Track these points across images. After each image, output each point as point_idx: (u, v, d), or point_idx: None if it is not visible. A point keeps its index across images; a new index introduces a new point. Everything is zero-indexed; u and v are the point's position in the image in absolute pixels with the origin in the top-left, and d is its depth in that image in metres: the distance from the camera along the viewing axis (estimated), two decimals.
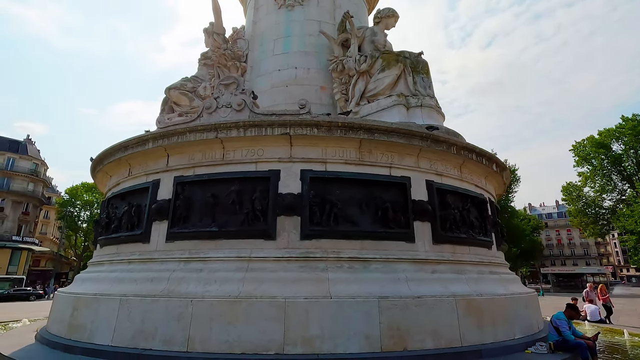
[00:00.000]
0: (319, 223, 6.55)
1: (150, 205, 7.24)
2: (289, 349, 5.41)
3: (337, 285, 6.02)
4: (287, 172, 6.87)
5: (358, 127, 6.97)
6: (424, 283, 6.45)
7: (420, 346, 5.74)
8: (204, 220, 6.79)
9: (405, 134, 7.27)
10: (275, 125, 6.86)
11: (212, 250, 6.57)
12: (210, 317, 5.63)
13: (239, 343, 5.45)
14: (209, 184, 7.02)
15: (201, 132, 7.06)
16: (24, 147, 48.35)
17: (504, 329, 6.68)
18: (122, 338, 5.93)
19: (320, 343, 5.46)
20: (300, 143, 7.00)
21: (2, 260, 42.32)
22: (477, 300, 6.52)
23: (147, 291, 6.20)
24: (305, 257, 6.35)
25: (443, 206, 7.51)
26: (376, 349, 5.55)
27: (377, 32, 12.15)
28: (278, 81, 11.80)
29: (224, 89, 7.51)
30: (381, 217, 6.83)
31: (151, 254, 6.98)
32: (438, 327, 5.96)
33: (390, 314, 5.77)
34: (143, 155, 7.78)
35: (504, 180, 10.00)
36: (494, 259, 8.38)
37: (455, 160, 8.09)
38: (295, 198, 6.65)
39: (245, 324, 5.54)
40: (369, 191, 6.99)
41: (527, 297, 7.77)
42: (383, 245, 6.74)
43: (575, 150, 45.34)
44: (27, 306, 23.60)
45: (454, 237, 7.44)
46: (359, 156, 7.16)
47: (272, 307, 5.62)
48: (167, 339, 5.65)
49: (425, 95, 10.31)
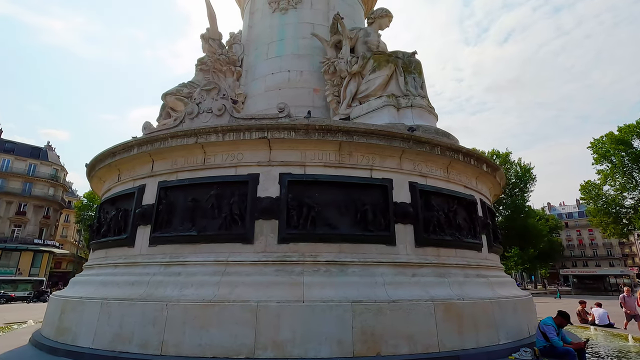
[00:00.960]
0: (296, 226, 6.54)
1: (135, 210, 7.38)
2: (259, 352, 5.42)
3: (312, 289, 5.99)
4: (266, 175, 6.89)
5: (336, 129, 6.93)
6: (403, 287, 6.34)
7: (394, 351, 5.65)
8: (184, 225, 6.88)
9: (386, 135, 7.19)
10: (253, 129, 6.89)
11: (192, 254, 6.65)
12: (183, 321, 5.69)
13: (211, 347, 5.49)
14: (190, 189, 7.11)
15: (182, 138, 7.17)
16: (45, 154, 50.12)
17: (487, 334, 6.51)
18: (102, 341, 6.06)
19: (291, 347, 5.45)
20: (279, 147, 7.02)
21: (25, 262, 43.96)
22: (458, 305, 6.38)
23: (126, 295, 6.32)
24: (282, 261, 6.34)
25: (427, 208, 7.39)
26: (348, 354, 5.49)
27: (370, 32, 12.07)
28: (272, 84, 11.87)
29: (206, 95, 7.60)
30: (360, 220, 6.77)
31: (135, 258, 7.12)
32: (414, 332, 5.86)
33: (363, 318, 5.70)
34: (130, 160, 7.95)
35: (497, 180, 9.75)
36: (485, 261, 8.18)
37: (441, 161, 7.94)
38: (273, 202, 6.66)
39: (218, 328, 5.58)
40: (348, 194, 6.94)
41: (516, 300, 7.55)
42: (362, 249, 6.67)
43: (594, 147, 43.81)
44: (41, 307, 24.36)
45: (439, 239, 7.30)
46: (338, 159, 7.12)
47: (244, 311, 5.64)
48: (143, 343, 5.74)
49: (416, 96, 10.17)
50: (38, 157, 48.95)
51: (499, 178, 9.85)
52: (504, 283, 8.13)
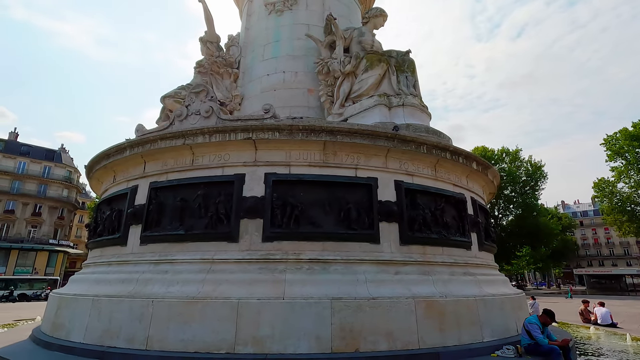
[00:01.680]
0: (280, 225, 6.66)
1: (128, 210, 7.62)
2: (239, 348, 5.56)
3: (293, 286, 6.11)
4: (251, 175, 7.04)
5: (319, 129, 7.03)
6: (385, 284, 6.41)
7: (373, 348, 5.73)
8: (173, 224, 7.07)
9: (369, 134, 7.26)
10: (238, 130, 7.04)
11: (179, 253, 6.84)
12: (168, 317, 5.88)
13: (193, 342, 5.65)
14: (179, 189, 7.30)
15: (170, 139, 7.36)
16: (59, 156, 51.47)
17: (471, 332, 6.53)
18: (92, 336, 6.30)
19: (271, 343, 5.57)
20: (265, 147, 7.15)
21: (41, 262, 45.32)
22: (440, 302, 6.41)
23: (116, 292, 6.54)
24: (265, 259, 6.48)
25: (413, 206, 7.42)
26: (326, 349, 5.59)
27: (364, 32, 12.12)
28: (267, 86, 12.02)
29: (195, 97, 7.80)
30: (344, 219, 6.85)
31: (127, 257, 7.35)
32: (394, 329, 5.92)
33: (342, 315, 5.79)
34: (124, 162, 8.20)
35: (490, 178, 9.69)
36: (474, 259, 8.17)
37: (428, 159, 7.96)
38: (258, 201, 6.80)
39: (200, 324, 5.74)
40: (333, 193, 7.03)
41: (503, 299, 7.52)
42: (345, 247, 6.75)
43: (607, 144, 42.83)
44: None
45: (424, 237, 7.33)
46: (323, 158, 7.21)
47: (226, 308, 5.78)
48: (130, 338, 5.95)
49: (408, 94, 10.19)
50: (52, 159, 50.33)
51: (492, 176, 9.79)
52: (492, 281, 8.10)
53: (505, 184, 48.72)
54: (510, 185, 49.03)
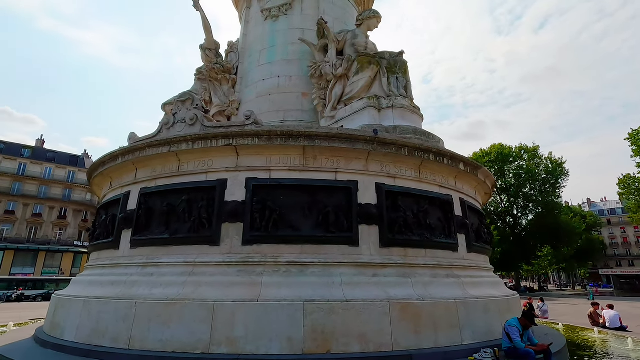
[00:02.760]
0: (259, 229, 6.83)
1: (120, 215, 7.97)
2: (214, 348, 5.76)
3: (269, 289, 6.26)
4: (233, 180, 7.24)
5: (297, 134, 7.16)
6: (360, 287, 6.47)
7: (344, 349, 5.81)
8: (160, 228, 7.36)
9: (348, 138, 7.33)
10: (219, 137, 7.26)
11: (165, 256, 7.11)
12: (149, 318, 6.14)
13: (171, 342, 5.89)
14: (167, 195, 7.58)
15: (157, 147, 7.67)
16: (82, 161, 53.63)
17: (449, 334, 6.51)
18: (82, 336, 6.65)
19: (244, 344, 5.74)
20: (246, 153, 7.34)
21: (66, 263, 47.38)
22: (416, 305, 6.42)
23: (105, 294, 6.88)
24: (245, 262, 6.66)
25: (394, 209, 7.44)
26: (297, 351, 5.71)
27: (358, 34, 12.17)
28: (262, 90, 12.25)
29: (181, 105, 8.08)
30: (322, 222, 6.95)
31: (119, 260, 7.69)
32: (367, 331, 5.98)
33: (315, 317, 5.90)
34: (118, 169, 8.58)
35: (481, 179, 9.56)
36: (461, 261, 8.10)
37: (411, 161, 7.96)
38: (239, 205, 6.99)
39: (178, 325, 5.97)
40: (313, 196, 7.13)
41: (488, 301, 7.44)
42: (324, 250, 6.85)
43: (632, 138, 40.85)
44: None
45: (405, 240, 7.34)
46: (303, 162, 7.34)
47: (202, 309, 6.00)
48: (115, 337, 6.25)
49: (397, 96, 10.19)
50: (76, 164, 52.50)
51: (483, 177, 9.65)
52: (479, 283, 8.00)
53: (524, 182, 47.45)
54: (529, 183, 47.69)
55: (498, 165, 48.10)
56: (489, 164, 48.21)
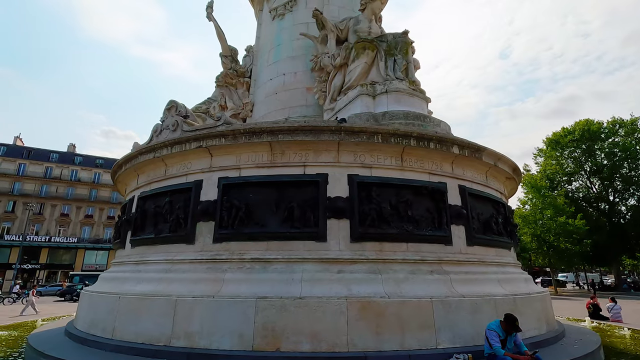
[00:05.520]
0: (226, 227, 6.97)
1: (123, 218, 8.81)
2: (174, 341, 6.05)
3: (230, 285, 6.36)
4: (207, 181, 7.50)
5: (260, 131, 7.13)
6: (321, 284, 6.23)
7: (294, 348, 5.65)
8: (149, 229, 7.97)
9: (311, 130, 7.07)
10: (191, 140, 7.58)
11: (152, 254, 7.67)
12: (127, 311, 6.71)
13: (142, 334, 6.34)
14: (157, 197, 8.16)
15: (145, 154, 8.28)
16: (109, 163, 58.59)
17: (420, 336, 5.91)
18: (84, 325, 7.53)
19: (199, 338, 5.93)
20: (218, 153, 7.54)
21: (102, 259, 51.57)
22: (379, 303, 5.96)
23: (104, 289, 7.69)
24: (213, 259, 6.86)
25: (369, 201, 6.99)
26: (247, 347, 5.72)
27: (361, 20, 11.68)
28: (270, 90, 12.43)
29: (167, 113, 8.60)
30: (288, 218, 6.84)
31: (122, 258, 8.51)
32: (320, 330, 5.74)
33: (266, 314, 5.84)
34: (125, 176, 9.51)
35: (488, 162, 8.42)
36: (456, 256, 7.30)
37: (391, 149, 7.38)
38: (210, 204, 7.22)
39: (148, 318, 6.40)
40: (283, 192, 7.06)
41: (479, 300, 6.54)
42: (289, 246, 6.73)
43: None
44: None
45: (380, 233, 6.86)
46: (270, 158, 7.29)
47: (167, 304, 6.33)
48: (104, 328, 6.95)
49: (394, 79, 9.53)
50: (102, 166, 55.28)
51: (492, 160, 8.49)
52: (478, 280, 7.10)
53: (620, 161, 40.58)
54: (627, 163, 40.61)
55: (585, 144, 41.92)
56: (572, 144, 42.34)
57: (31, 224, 48.05)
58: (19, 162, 50.88)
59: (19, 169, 50.48)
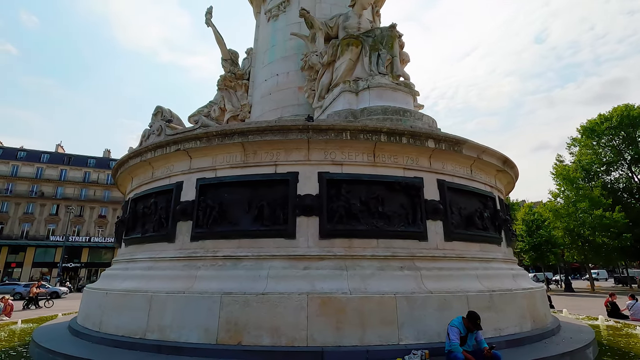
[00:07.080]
0: (202, 225, 7.25)
1: (117, 219, 9.35)
2: (148, 335, 6.41)
3: (201, 281, 6.63)
4: (187, 182, 7.83)
5: (231, 132, 7.34)
6: (286, 280, 6.35)
7: (255, 342, 5.83)
8: (138, 228, 8.43)
9: (279, 129, 7.20)
10: (170, 143, 7.93)
11: (140, 253, 8.12)
12: (112, 306, 7.16)
13: (122, 328, 6.76)
14: (145, 199, 8.61)
15: (134, 158, 8.75)
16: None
17: (382, 332, 5.91)
18: (81, 319, 8.12)
19: (170, 332, 6.25)
20: (195, 155, 7.84)
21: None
22: (339, 299, 6.01)
23: (97, 285, 8.24)
24: (189, 257, 7.16)
25: (338, 198, 7.04)
26: (212, 340, 5.96)
27: (350, 16, 11.63)
28: (265, 91, 12.66)
29: (154, 118, 9.03)
30: (258, 216, 7.02)
31: (119, 257, 9.07)
32: (280, 325, 5.88)
33: (229, 309, 6.06)
34: (122, 179, 10.05)
35: (470, 155, 8.17)
36: (433, 251, 7.17)
37: (362, 145, 7.37)
38: (189, 204, 7.54)
39: (128, 312, 6.82)
40: (255, 191, 7.25)
41: (449, 297, 6.41)
42: (259, 243, 6.91)
43: None
44: None
45: (349, 230, 6.88)
46: (243, 159, 7.49)
47: (144, 300, 6.71)
48: (93, 322, 7.47)
49: (376, 74, 9.45)
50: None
51: (475, 152, 8.22)
52: (454, 276, 6.93)
53: None
54: None
55: (625, 131, 39.07)
56: (610, 132, 39.57)
57: (73, 226, 51.43)
58: (61, 168, 54.55)
59: (60, 174, 54.13)
